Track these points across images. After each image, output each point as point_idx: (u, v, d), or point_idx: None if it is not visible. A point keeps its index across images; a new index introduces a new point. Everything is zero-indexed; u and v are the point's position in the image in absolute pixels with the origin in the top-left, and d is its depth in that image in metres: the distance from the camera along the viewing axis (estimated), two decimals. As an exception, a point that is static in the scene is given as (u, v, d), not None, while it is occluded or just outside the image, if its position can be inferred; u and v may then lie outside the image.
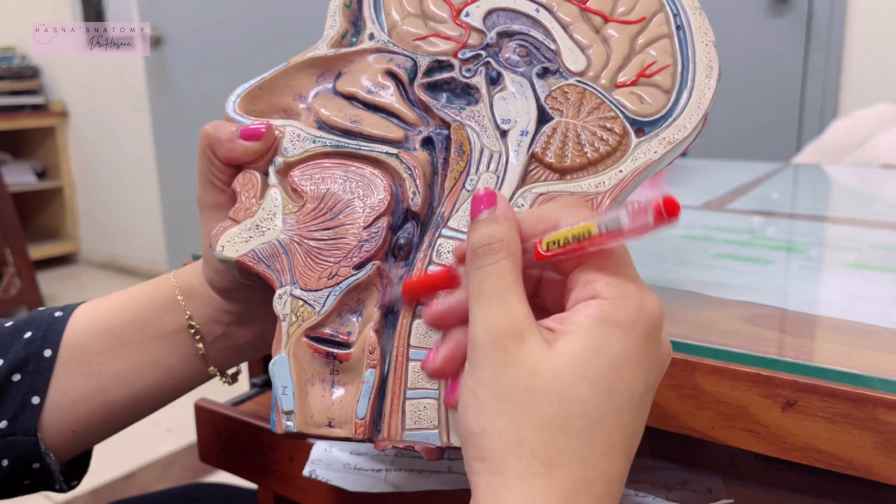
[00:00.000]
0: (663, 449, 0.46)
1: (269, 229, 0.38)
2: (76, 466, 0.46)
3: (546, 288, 0.32)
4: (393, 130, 0.39)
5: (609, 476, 0.27)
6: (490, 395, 0.27)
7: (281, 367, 0.36)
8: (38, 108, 3.44)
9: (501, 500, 0.26)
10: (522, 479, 0.26)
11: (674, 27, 0.39)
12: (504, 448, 0.26)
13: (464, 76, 0.40)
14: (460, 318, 0.31)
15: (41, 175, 3.53)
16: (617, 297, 0.27)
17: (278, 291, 0.37)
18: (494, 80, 0.39)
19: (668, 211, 0.26)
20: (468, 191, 0.37)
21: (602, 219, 0.27)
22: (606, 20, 0.40)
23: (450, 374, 0.31)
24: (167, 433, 1.86)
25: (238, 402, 0.57)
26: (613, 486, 0.27)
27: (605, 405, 0.27)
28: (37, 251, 3.29)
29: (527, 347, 0.27)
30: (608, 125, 0.37)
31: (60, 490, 0.44)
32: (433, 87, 0.40)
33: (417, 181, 0.38)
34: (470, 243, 0.30)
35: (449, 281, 0.33)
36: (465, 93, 0.40)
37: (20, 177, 3.37)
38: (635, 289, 0.28)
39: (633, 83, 0.38)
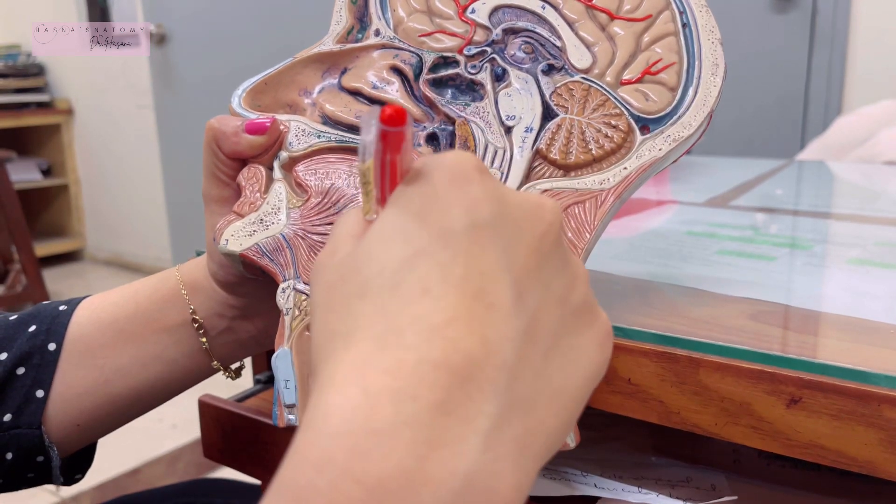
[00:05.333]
0: (667, 446, 0.46)
1: (273, 223, 0.38)
2: (80, 460, 0.46)
3: None
4: (397, 126, 0.39)
5: (434, 319, 0.21)
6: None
7: (283, 361, 0.36)
8: (43, 106, 3.45)
9: (314, 406, 0.20)
10: (326, 364, 0.22)
11: (680, 25, 0.39)
12: (314, 353, 0.23)
13: (469, 72, 0.40)
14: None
15: (46, 172, 3.54)
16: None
17: (282, 285, 0.37)
18: (499, 77, 0.39)
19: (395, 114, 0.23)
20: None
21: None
22: (612, 17, 0.40)
23: None
24: (172, 429, 1.86)
25: (242, 399, 0.57)
26: (446, 328, 0.21)
27: (404, 253, 0.22)
28: (42, 248, 3.31)
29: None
30: (613, 122, 0.37)
31: (62, 483, 0.44)
32: (438, 83, 0.40)
33: (422, 177, 0.38)
34: None
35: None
36: (470, 89, 0.40)
37: (26, 174, 3.38)
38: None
39: (639, 80, 0.38)
